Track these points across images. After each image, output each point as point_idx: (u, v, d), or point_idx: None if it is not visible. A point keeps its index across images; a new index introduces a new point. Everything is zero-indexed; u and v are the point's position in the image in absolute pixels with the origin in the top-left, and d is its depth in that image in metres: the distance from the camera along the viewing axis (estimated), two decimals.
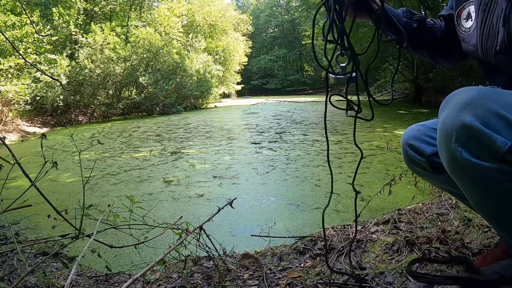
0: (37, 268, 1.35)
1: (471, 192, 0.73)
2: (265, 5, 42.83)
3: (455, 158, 0.67)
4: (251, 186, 3.47)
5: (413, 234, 1.33)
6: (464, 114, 0.64)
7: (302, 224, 2.44)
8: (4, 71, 9.66)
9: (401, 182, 2.85)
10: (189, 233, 1.27)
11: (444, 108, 0.72)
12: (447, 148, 0.68)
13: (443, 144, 0.69)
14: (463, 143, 0.65)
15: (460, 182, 0.72)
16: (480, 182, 0.67)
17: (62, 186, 3.76)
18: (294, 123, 8.96)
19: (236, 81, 26.33)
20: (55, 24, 13.77)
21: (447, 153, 0.69)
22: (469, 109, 0.64)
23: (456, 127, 0.65)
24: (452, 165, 0.69)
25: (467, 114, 0.64)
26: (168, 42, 15.96)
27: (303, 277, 1.10)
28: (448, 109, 0.70)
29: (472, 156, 0.64)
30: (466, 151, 0.65)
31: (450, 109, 0.68)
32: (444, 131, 0.69)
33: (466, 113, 0.64)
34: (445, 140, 0.68)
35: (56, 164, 1.18)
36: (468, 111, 0.64)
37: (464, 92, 0.69)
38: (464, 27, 0.92)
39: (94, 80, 13.07)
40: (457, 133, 0.65)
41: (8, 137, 9.08)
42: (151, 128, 9.20)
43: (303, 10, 22.12)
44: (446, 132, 0.68)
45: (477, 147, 0.64)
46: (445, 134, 0.68)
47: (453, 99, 0.70)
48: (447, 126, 0.68)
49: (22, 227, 2.51)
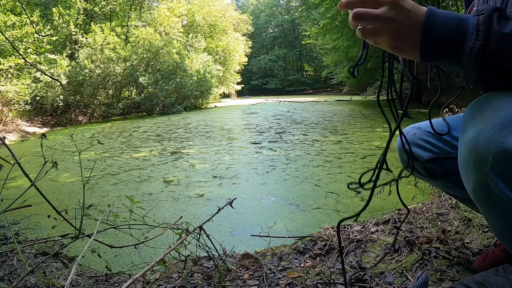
0: (37, 268, 1.35)
1: (497, 225, 0.63)
2: (265, 5, 42.86)
3: (487, 187, 0.55)
4: (251, 186, 3.47)
5: (413, 234, 1.33)
6: (507, 135, 0.51)
7: (302, 224, 2.44)
8: (4, 71, 9.67)
9: (401, 182, 2.86)
10: (189, 233, 1.27)
11: (473, 117, 0.59)
12: (478, 173, 0.56)
13: (472, 167, 0.57)
14: (501, 171, 0.52)
15: (486, 212, 0.62)
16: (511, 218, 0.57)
17: (62, 186, 3.76)
18: (294, 123, 8.96)
19: (236, 81, 26.36)
20: (55, 24, 13.78)
21: (477, 180, 0.57)
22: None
23: (495, 150, 0.52)
24: (481, 194, 0.58)
25: (511, 136, 0.51)
26: (168, 42, 15.97)
27: (303, 277, 1.10)
28: (481, 122, 0.56)
29: (510, 189, 0.52)
30: (503, 182, 0.53)
31: (486, 124, 0.55)
32: (475, 152, 0.56)
33: (510, 134, 0.51)
34: (476, 164, 0.56)
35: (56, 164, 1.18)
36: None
37: (504, 104, 0.55)
38: None
39: (94, 80, 13.08)
40: (495, 159, 0.52)
41: (8, 137, 9.08)
42: (151, 128, 9.21)
43: (303, 10, 22.14)
44: (479, 154, 0.55)
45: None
46: (476, 155, 0.55)
47: (488, 110, 0.57)
48: (481, 146, 0.54)
49: (22, 227, 2.51)
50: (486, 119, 0.56)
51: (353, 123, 8.12)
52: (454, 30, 0.54)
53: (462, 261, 1.10)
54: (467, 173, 0.60)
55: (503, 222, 0.59)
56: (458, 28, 0.54)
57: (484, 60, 0.53)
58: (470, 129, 0.58)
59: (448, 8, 12.93)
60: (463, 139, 0.60)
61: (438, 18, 0.55)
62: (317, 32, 19.06)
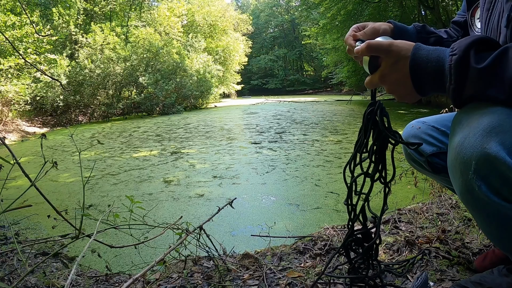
0: (37, 268, 1.35)
1: (484, 225, 0.66)
2: (265, 5, 42.85)
3: (471, 191, 0.58)
4: (251, 186, 3.47)
5: (413, 234, 1.33)
6: (489, 141, 0.54)
7: (302, 224, 2.44)
8: (4, 71, 9.67)
9: (401, 182, 2.85)
10: (189, 233, 1.27)
11: (460, 123, 0.62)
12: (463, 177, 0.59)
13: (458, 171, 0.60)
14: (483, 176, 0.55)
15: (473, 213, 0.65)
16: (496, 219, 0.60)
17: (62, 186, 3.76)
18: (294, 123, 8.96)
19: (236, 81, 26.35)
20: (55, 24, 13.79)
21: (461, 183, 0.60)
22: (495, 135, 0.54)
23: (477, 156, 0.55)
24: (467, 197, 0.61)
25: (492, 142, 0.53)
26: (168, 42, 15.98)
27: (303, 277, 1.10)
28: (466, 128, 0.59)
29: (492, 192, 0.55)
30: (485, 185, 0.55)
31: (471, 130, 0.57)
32: (460, 157, 0.58)
33: (491, 140, 0.53)
34: (460, 167, 0.59)
35: (56, 164, 1.18)
36: (493, 138, 0.54)
37: (488, 110, 0.57)
38: (478, 27, 0.83)
39: (94, 80, 13.08)
40: (477, 163, 0.55)
41: (8, 137, 9.08)
42: (151, 128, 9.20)
43: (303, 10, 22.12)
44: (463, 158, 0.58)
45: (499, 183, 0.54)
46: (461, 159, 0.58)
47: (473, 116, 0.59)
48: (465, 151, 0.57)
49: (22, 227, 2.51)
50: (472, 124, 0.58)
51: (353, 123, 8.12)
52: (436, 73, 0.60)
53: (462, 261, 1.10)
54: (454, 175, 0.63)
55: (490, 223, 0.63)
56: (437, 71, 0.60)
57: (462, 99, 0.59)
58: (457, 134, 0.61)
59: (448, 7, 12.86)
60: (451, 143, 0.63)
61: (420, 65, 0.61)
62: (317, 32, 19.07)
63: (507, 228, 0.60)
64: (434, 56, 0.60)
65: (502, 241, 0.66)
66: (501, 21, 0.69)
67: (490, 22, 0.75)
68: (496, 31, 0.72)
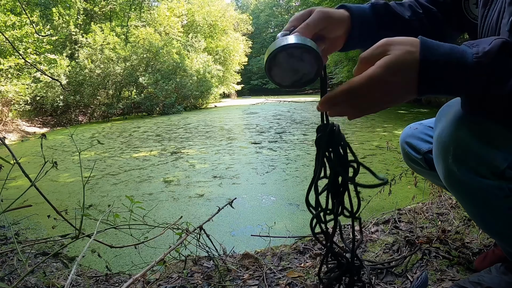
0: (37, 268, 1.35)
1: (469, 207, 0.71)
2: (265, 5, 42.85)
3: (452, 173, 0.65)
4: (251, 186, 3.47)
5: (413, 234, 1.33)
6: (461, 128, 0.62)
7: (302, 224, 2.44)
8: (4, 71, 9.67)
9: (401, 182, 2.85)
10: (189, 233, 1.27)
11: (440, 119, 0.69)
12: (444, 163, 0.66)
13: (440, 158, 0.67)
14: (461, 159, 0.63)
15: (457, 196, 0.71)
16: (478, 198, 0.65)
17: (62, 186, 3.76)
18: (294, 123, 8.96)
19: (236, 81, 26.33)
20: (55, 24, 13.79)
21: (444, 168, 0.67)
22: (467, 124, 0.62)
23: (453, 142, 0.63)
24: (449, 180, 0.67)
25: (464, 129, 0.61)
26: (168, 42, 15.97)
27: (303, 277, 1.10)
28: (444, 121, 0.67)
29: (470, 172, 0.62)
30: (463, 167, 0.63)
31: (447, 122, 0.65)
32: (441, 145, 0.66)
33: (463, 128, 0.62)
34: (442, 154, 0.66)
35: (56, 164, 1.18)
36: (465, 126, 0.62)
37: (458, 101, 0.64)
38: (474, 13, 0.73)
39: (94, 80, 13.08)
40: (454, 149, 0.63)
41: (8, 137, 9.08)
42: (151, 128, 9.20)
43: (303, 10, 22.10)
44: (443, 146, 0.65)
45: (475, 163, 0.61)
46: (441, 148, 0.66)
47: (450, 110, 0.67)
48: (444, 139, 0.65)
49: (22, 227, 2.51)
50: (447, 117, 0.66)
51: (353, 123, 8.12)
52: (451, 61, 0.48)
53: (462, 261, 1.10)
54: (437, 163, 0.69)
55: (473, 205, 0.69)
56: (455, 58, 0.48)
57: None
58: (438, 127, 0.68)
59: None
60: (434, 136, 0.69)
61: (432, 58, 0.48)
62: None
63: (489, 208, 0.65)
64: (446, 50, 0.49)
65: (488, 223, 0.71)
66: (501, 21, 0.64)
67: (487, 19, 0.68)
68: (495, 30, 0.67)
